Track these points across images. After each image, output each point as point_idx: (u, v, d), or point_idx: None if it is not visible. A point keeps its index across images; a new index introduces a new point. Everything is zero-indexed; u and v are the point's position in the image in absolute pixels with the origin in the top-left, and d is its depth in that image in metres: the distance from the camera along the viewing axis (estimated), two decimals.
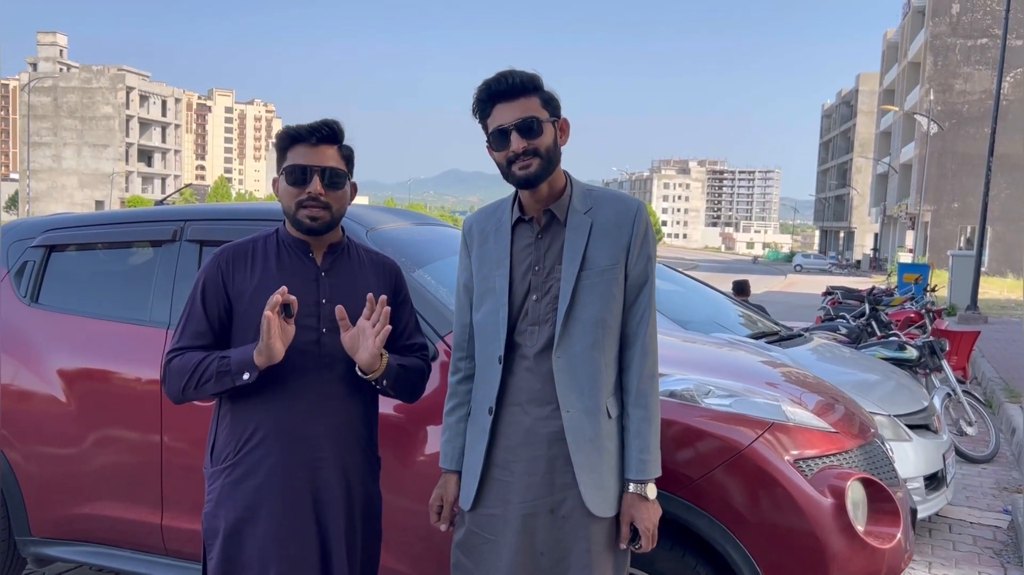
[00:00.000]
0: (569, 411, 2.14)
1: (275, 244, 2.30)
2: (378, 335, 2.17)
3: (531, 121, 2.11)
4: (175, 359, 2.21)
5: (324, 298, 2.26)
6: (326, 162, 2.22)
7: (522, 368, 2.20)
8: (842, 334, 8.11)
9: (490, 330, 2.23)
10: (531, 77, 2.14)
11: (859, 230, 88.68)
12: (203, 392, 2.17)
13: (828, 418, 2.93)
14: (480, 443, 2.22)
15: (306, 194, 2.20)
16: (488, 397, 2.22)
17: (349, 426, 2.29)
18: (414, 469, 2.79)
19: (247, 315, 2.22)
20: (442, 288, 3.06)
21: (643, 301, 2.20)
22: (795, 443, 2.69)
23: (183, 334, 2.24)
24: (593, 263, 2.16)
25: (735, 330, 5.83)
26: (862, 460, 2.85)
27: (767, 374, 3.38)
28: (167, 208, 3.49)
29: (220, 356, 2.16)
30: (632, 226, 2.18)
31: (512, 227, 2.24)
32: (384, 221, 3.35)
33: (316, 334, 2.24)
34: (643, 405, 2.18)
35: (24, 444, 3.38)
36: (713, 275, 42.56)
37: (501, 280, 2.21)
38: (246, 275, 2.25)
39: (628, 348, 2.20)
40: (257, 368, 2.11)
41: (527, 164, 2.12)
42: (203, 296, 2.25)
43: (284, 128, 2.26)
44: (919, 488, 4.72)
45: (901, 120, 59.89)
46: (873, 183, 73.54)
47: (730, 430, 2.63)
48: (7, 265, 3.58)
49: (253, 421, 2.21)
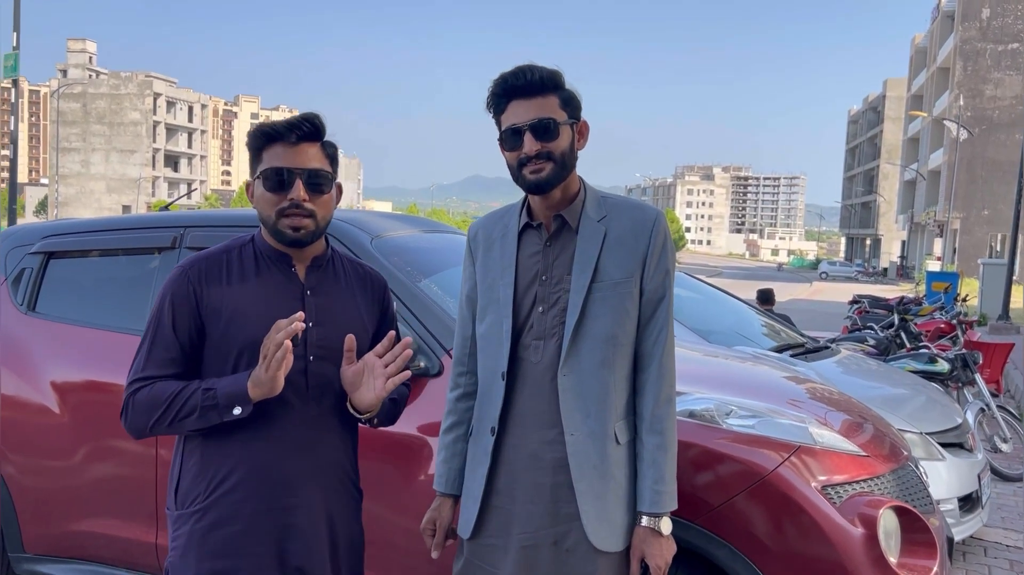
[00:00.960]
0: (573, 434, 1.98)
1: (252, 255, 2.00)
2: (390, 378, 1.91)
3: (547, 122, 1.96)
4: (141, 391, 1.90)
5: (311, 320, 1.97)
6: (308, 163, 1.92)
7: (526, 386, 2.04)
8: (870, 345, 7.88)
9: (493, 344, 2.08)
10: (551, 74, 1.98)
11: (886, 237, 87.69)
12: (179, 428, 1.89)
13: (858, 440, 2.75)
14: (482, 466, 2.07)
15: (288, 200, 1.90)
16: (490, 416, 2.07)
17: (337, 465, 2.04)
18: (418, 488, 2.65)
19: (225, 339, 1.92)
20: (449, 299, 2.92)
21: (660, 318, 2.03)
22: (823, 468, 2.52)
23: (149, 361, 1.92)
24: (606, 275, 2.00)
25: (758, 341, 5.65)
26: (895, 486, 2.67)
27: (792, 391, 3.21)
28: (167, 214, 3.39)
29: (204, 388, 1.87)
30: (650, 237, 2.02)
31: (519, 233, 2.08)
32: (390, 228, 3.21)
33: (302, 362, 1.95)
34: (659, 431, 2.01)
35: (18, 457, 3.28)
36: (737, 282, 42.25)
37: (505, 290, 2.06)
38: (221, 291, 1.94)
39: (643, 370, 2.04)
40: (251, 402, 1.84)
41: (539, 168, 1.96)
42: (172, 316, 1.93)
43: (258, 125, 1.96)
44: (953, 510, 4.51)
45: (930, 126, 59.15)
46: (900, 190, 72.73)
47: (753, 453, 2.47)
48: (4, 272, 3.49)
49: (229, 460, 1.92)
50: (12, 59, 19.20)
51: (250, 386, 1.83)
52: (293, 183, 1.90)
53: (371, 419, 2.01)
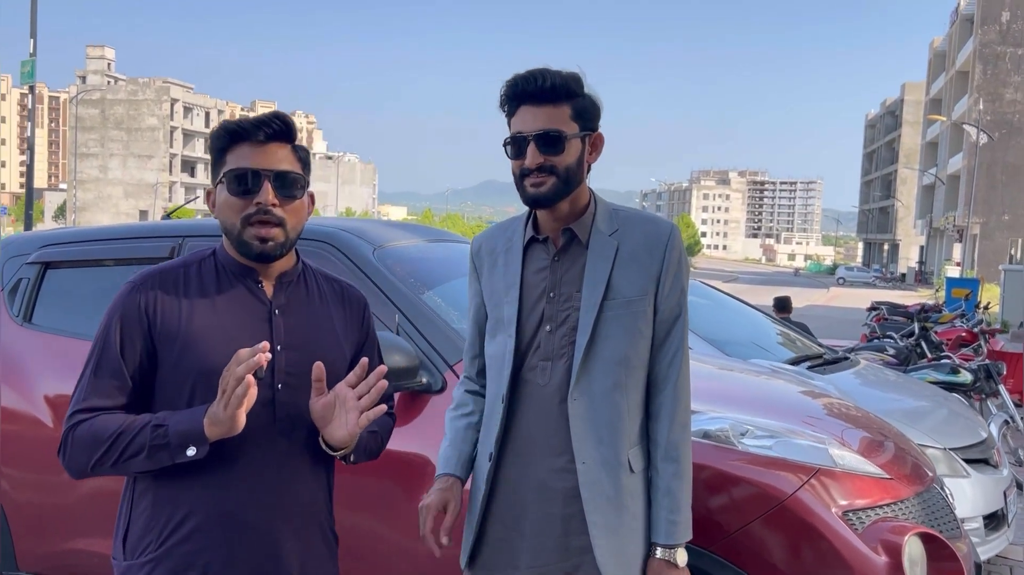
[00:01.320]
0: (585, 463, 1.86)
1: (213, 270, 1.75)
2: (364, 412, 1.65)
3: (553, 135, 1.83)
4: (82, 425, 1.65)
5: (279, 344, 1.73)
6: (278, 164, 1.69)
7: (531, 410, 1.92)
8: (889, 355, 7.71)
9: (496, 365, 1.96)
10: (566, 81, 1.85)
11: (904, 242, 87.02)
12: (125, 469, 1.64)
13: (880, 461, 2.63)
14: (479, 493, 1.96)
15: (255, 206, 1.67)
16: (489, 442, 1.95)
17: (309, 508, 1.78)
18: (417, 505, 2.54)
19: (179, 366, 1.68)
20: (453, 311, 2.82)
21: (675, 339, 1.92)
22: (844, 492, 2.40)
23: (91, 390, 1.68)
24: (618, 292, 1.88)
25: (775, 351, 5.52)
26: (920, 510, 2.54)
27: (810, 408, 3.09)
28: (165, 223, 3.31)
29: (153, 424, 1.62)
30: (664, 253, 1.91)
31: (524, 248, 1.96)
32: (393, 238, 3.12)
33: (269, 391, 1.70)
34: (674, 459, 1.89)
35: (12, 472, 3.20)
36: (754, 287, 42.01)
37: (510, 308, 1.94)
38: (177, 312, 1.70)
39: (658, 393, 1.92)
40: (208, 442, 1.59)
41: (540, 182, 1.84)
42: (120, 339, 1.68)
43: (222, 123, 1.74)
44: (978, 529, 4.35)
45: (948, 130, 58.64)
46: (919, 195, 72.14)
47: (770, 476, 2.36)
48: (2, 283, 3.42)
49: (184, 504, 1.67)
50: (29, 65, 19.32)
51: (207, 424, 1.59)
52: (261, 186, 1.68)
53: (346, 456, 1.76)
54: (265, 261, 1.73)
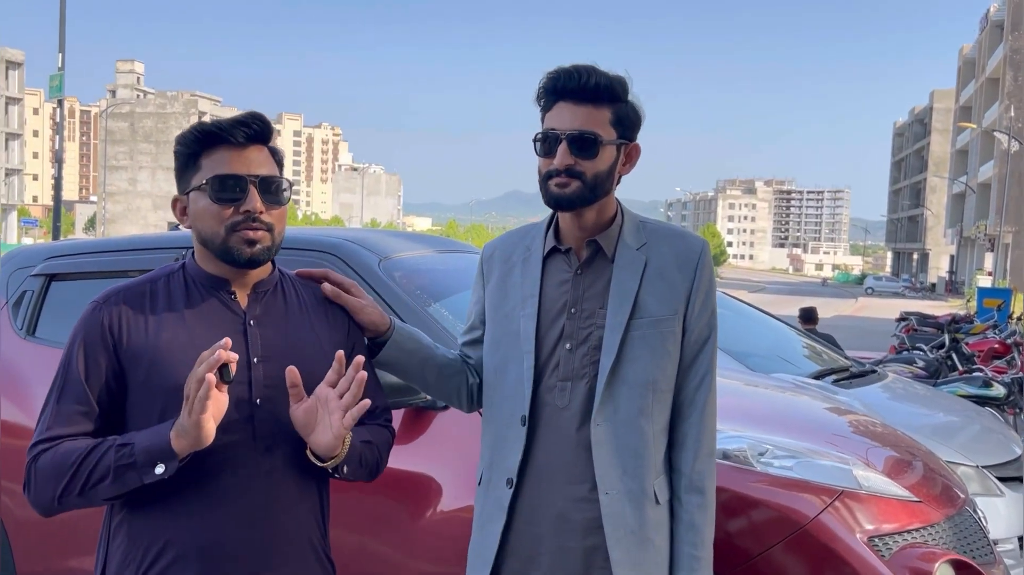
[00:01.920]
0: (609, 493, 1.74)
1: (182, 283, 1.66)
2: (348, 410, 1.55)
3: (588, 137, 1.72)
4: (45, 454, 1.54)
5: (256, 356, 1.63)
6: (260, 168, 1.62)
7: (550, 434, 1.79)
8: (919, 367, 7.52)
9: (510, 383, 1.82)
10: (611, 82, 1.75)
11: (934, 252, 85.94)
12: (94, 497, 1.52)
13: (908, 482, 2.51)
14: (495, 523, 1.82)
15: (242, 213, 1.58)
16: (507, 466, 1.81)
17: (298, 531, 1.66)
18: (424, 528, 2.47)
19: (149, 386, 1.58)
20: (459, 324, 2.72)
21: (703, 362, 1.81)
22: (870, 516, 2.28)
23: (55, 417, 1.58)
24: (646, 310, 1.76)
25: (799, 364, 5.38)
26: (951, 535, 2.41)
27: (834, 425, 2.97)
28: (170, 234, 3.26)
29: (117, 444, 1.51)
30: (695, 270, 1.80)
31: (544, 258, 1.85)
32: (399, 249, 3.03)
33: (248, 407, 1.60)
34: (699, 490, 1.78)
35: (15, 488, 3.14)
36: (781, 298, 41.61)
37: (527, 322, 1.81)
38: (144, 329, 1.60)
39: (683, 419, 1.80)
40: (176, 457, 1.48)
41: (564, 183, 1.73)
42: (84, 362, 1.58)
43: (194, 125, 1.66)
44: (1013, 550, 4.18)
45: (979, 138, 57.92)
46: (949, 203, 71.29)
47: (791, 499, 2.25)
48: (6, 295, 3.38)
49: (162, 535, 1.56)
50: (57, 79, 19.62)
51: (173, 437, 1.48)
52: (247, 192, 1.59)
53: (338, 467, 1.63)
54: (254, 266, 1.64)
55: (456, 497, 2.46)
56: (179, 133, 1.69)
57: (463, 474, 2.47)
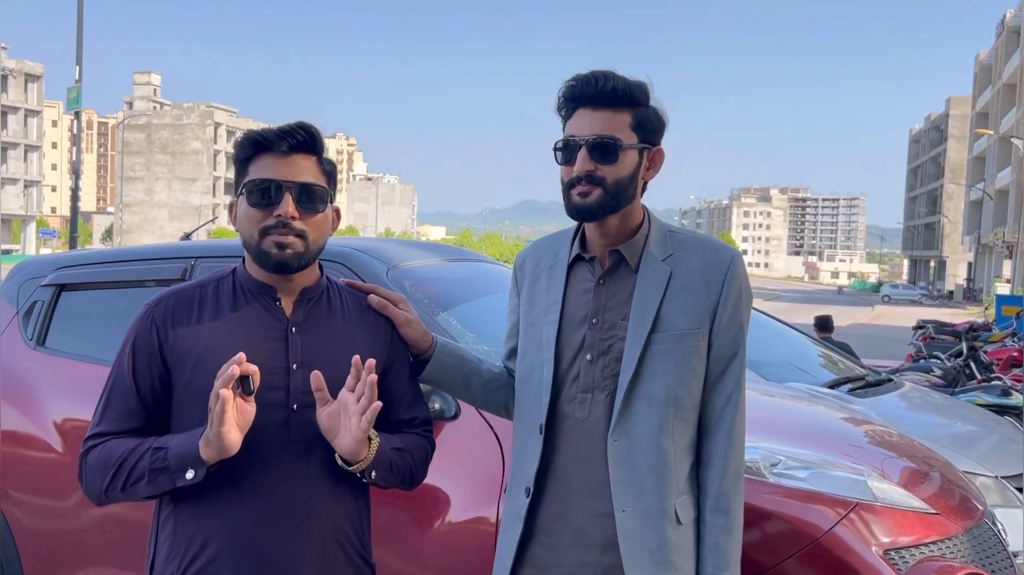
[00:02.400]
0: (625, 511, 1.70)
1: (230, 289, 1.72)
2: (364, 413, 1.58)
3: (608, 142, 1.69)
4: (94, 450, 1.65)
5: (295, 363, 1.68)
6: (301, 176, 1.66)
7: (571, 446, 1.76)
8: (936, 376, 7.43)
9: (532, 390, 1.80)
10: (629, 86, 1.71)
11: (951, 259, 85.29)
12: (134, 494, 1.62)
13: (925, 494, 2.46)
14: (513, 531, 1.80)
15: (274, 218, 1.63)
16: (526, 475, 1.79)
17: (333, 534, 1.71)
18: (432, 539, 2.44)
19: (190, 389, 1.65)
20: (468, 334, 2.70)
21: (730, 378, 1.75)
22: (885, 528, 2.23)
23: (105, 415, 1.67)
24: (668, 324, 1.71)
25: (814, 373, 5.32)
26: (969, 548, 2.36)
27: (848, 435, 2.92)
28: (178, 244, 3.26)
29: (154, 447, 1.60)
30: (723, 282, 1.74)
31: (569, 266, 1.82)
32: (408, 257, 3.01)
33: (284, 412, 1.66)
34: (725, 511, 1.72)
35: (24, 498, 3.15)
36: (796, 306, 41.38)
37: (549, 329, 1.79)
38: (190, 332, 1.67)
39: (710, 437, 1.75)
40: (204, 464, 1.56)
41: (586, 192, 1.70)
42: (132, 363, 1.67)
43: (245, 133, 1.71)
44: None
45: (996, 144, 57.47)
46: (966, 210, 70.75)
47: (805, 511, 2.21)
48: (16, 305, 3.38)
49: (202, 532, 1.64)
50: (75, 91, 19.79)
51: (201, 445, 1.55)
52: (281, 197, 1.63)
53: (366, 473, 1.66)
54: (285, 271, 1.68)
55: (464, 509, 2.43)
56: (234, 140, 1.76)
57: (471, 485, 2.44)
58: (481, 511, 2.41)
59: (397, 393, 1.82)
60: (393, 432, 1.79)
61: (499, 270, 3.62)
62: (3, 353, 3.31)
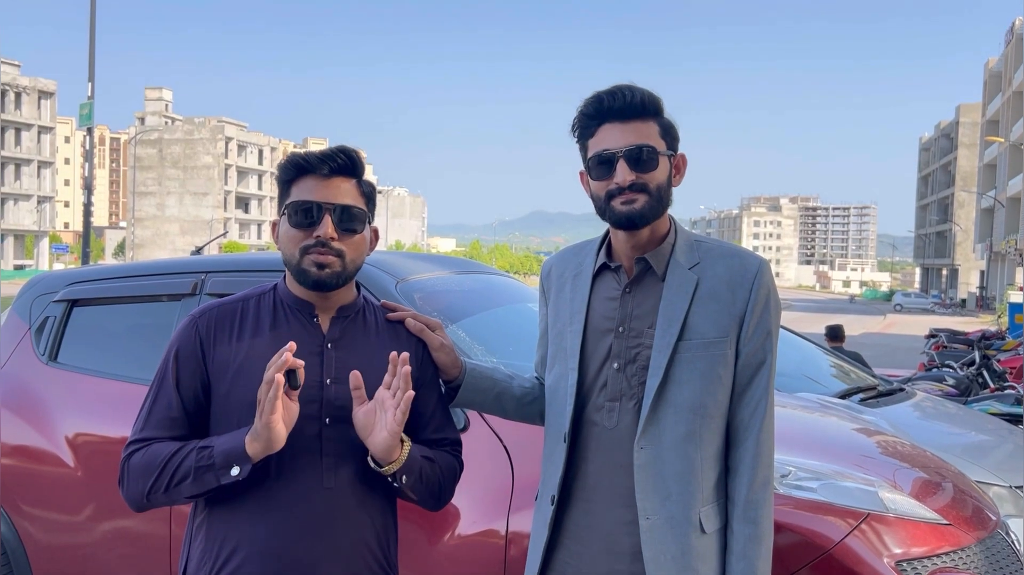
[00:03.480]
0: (649, 518, 1.70)
1: (271, 305, 1.79)
2: (399, 406, 1.63)
3: (646, 150, 1.71)
4: (137, 453, 1.69)
5: (329, 377, 1.73)
6: (341, 198, 1.72)
7: (599, 454, 1.76)
8: (949, 385, 7.38)
9: (559, 399, 1.82)
10: (653, 98, 1.75)
11: (963, 267, 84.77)
12: (177, 495, 1.66)
13: (937, 505, 2.44)
14: (540, 539, 1.81)
15: (314, 238, 1.70)
16: (551, 483, 1.80)
17: (359, 547, 1.74)
18: (443, 551, 2.44)
19: (229, 398, 1.71)
20: (477, 346, 2.71)
21: (758, 387, 1.75)
22: (897, 539, 2.22)
23: (148, 421, 1.73)
24: (695, 332, 1.72)
25: (826, 383, 5.29)
26: (983, 559, 2.34)
27: (859, 446, 2.91)
28: (189, 259, 3.27)
29: (199, 446, 1.65)
30: (750, 291, 1.74)
31: (594, 275, 1.82)
32: (417, 270, 3.02)
33: (317, 425, 1.71)
34: (753, 520, 1.72)
35: (36, 513, 3.16)
36: (807, 315, 41.17)
37: (573, 338, 1.80)
38: (230, 344, 1.74)
39: (737, 445, 1.74)
40: (250, 460, 1.61)
41: (632, 199, 1.71)
42: (176, 370, 1.73)
43: (289, 155, 1.77)
44: None
45: (1007, 151, 57.19)
46: (978, 218, 70.37)
47: (815, 523, 2.20)
48: (29, 321, 3.41)
49: (232, 538, 1.68)
50: (87, 108, 19.93)
51: (248, 440, 1.60)
52: (322, 219, 1.70)
53: (397, 476, 1.69)
54: (323, 289, 1.74)
55: (474, 522, 2.43)
56: (277, 163, 1.82)
57: (482, 499, 2.44)
58: (491, 524, 2.41)
59: (426, 414, 1.85)
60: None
61: (508, 282, 3.63)
62: (16, 368, 3.34)
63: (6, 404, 3.26)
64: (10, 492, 3.19)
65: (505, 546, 2.37)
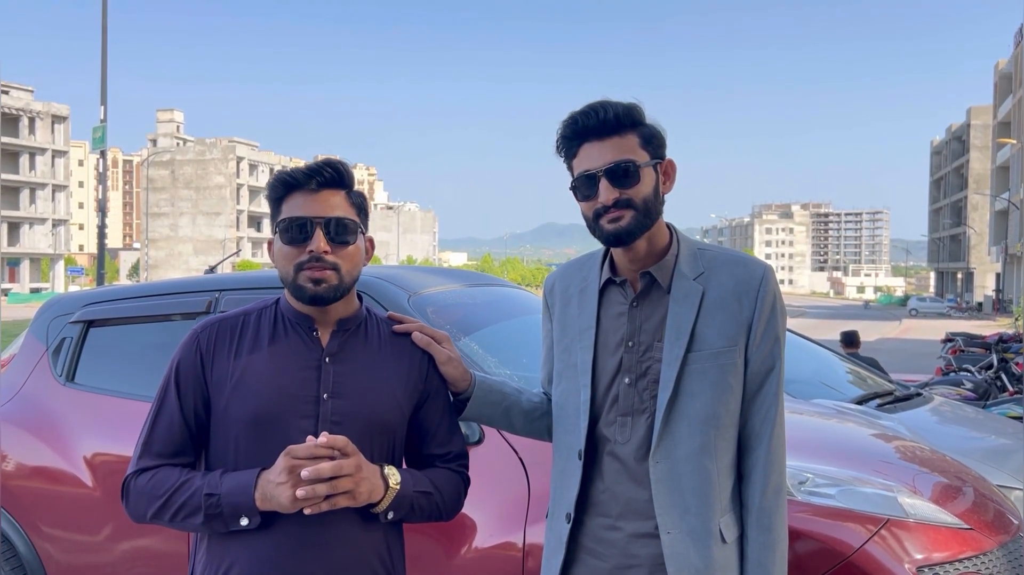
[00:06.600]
0: (670, 533, 1.69)
1: (271, 319, 1.77)
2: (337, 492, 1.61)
3: (625, 165, 1.70)
4: (143, 475, 1.70)
5: (326, 391, 1.71)
6: (331, 211, 1.70)
7: (613, 469, 1.76)
8: (967, 389, 7.31)
9: (570, 416, 1.81)
10: (628, 109, 1.74)
11: (979, 270, 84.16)
12: (186, 526, 1.67)
13: (958, 509, 2.42)
14: (556, 557, 1.80)
15: (307, 253, 1.68)
16: (566, 500, 1.79)
17: (360, 563, 1.72)
18: (457, 566, 2.42)
19: (227, 414, 1.70)
20: (490, 358, 2.71)
21: (768, 393, 1.74)
22: (918, 545, 2.20)
23: (150, 441, 1.72)
24: (704, 343, 1.72)
25: (842, 389, 5.25)
26: (1005, 563, 2.32)
27: (878, 451, 2.89)
28: (202, 278, 3.30)
29: (206, 493, 1.63)
30: (756, 298, 1.74)
31: (600, 290, 1.82)
32: (429, 284, 3.03)
33: None
34: (767, 527, 1.71)
35: (57, 534, 3.18)
36: (822, 322, 40.97)
37: (584, 354, 1.79)
38: (229, 359, 1.72)
39: (749, 453, 1.74)
40: (259, 514, 1.62)
41: (618, 216, 1.70)
42: (177, 385, 1.73)
43: (276, 173, 1.77)
44: None
45: (1020, 153, 56.86)
46: (992, 221, 69.91)
47: (835, 529, 2.18)
48: (46, 342, 3.43)
49: (229, 554, 1.67)
50: (100, 131, 20.13)
51: (258, 499, 1.61)
52: (313, 233, 1.69)
53: (384, 514, 1.69)
54: (320, 304, 1.73)
55: (490, 535, 2.43)
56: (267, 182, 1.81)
57: (498, 512, 2.44)
58: (507, 537, 2.40)
59: (432, 427, 1.83)
60: (427, 466, 1.81)
61: (520, 294, 3.63)
62: (34, 390, 3.36)
63: (25, 425, 3.29)
64: (29, 513, 3.21)
65: (523, 558, 2.37)
